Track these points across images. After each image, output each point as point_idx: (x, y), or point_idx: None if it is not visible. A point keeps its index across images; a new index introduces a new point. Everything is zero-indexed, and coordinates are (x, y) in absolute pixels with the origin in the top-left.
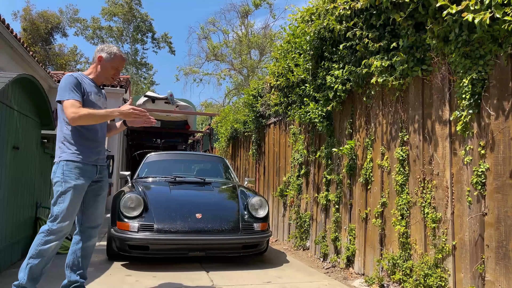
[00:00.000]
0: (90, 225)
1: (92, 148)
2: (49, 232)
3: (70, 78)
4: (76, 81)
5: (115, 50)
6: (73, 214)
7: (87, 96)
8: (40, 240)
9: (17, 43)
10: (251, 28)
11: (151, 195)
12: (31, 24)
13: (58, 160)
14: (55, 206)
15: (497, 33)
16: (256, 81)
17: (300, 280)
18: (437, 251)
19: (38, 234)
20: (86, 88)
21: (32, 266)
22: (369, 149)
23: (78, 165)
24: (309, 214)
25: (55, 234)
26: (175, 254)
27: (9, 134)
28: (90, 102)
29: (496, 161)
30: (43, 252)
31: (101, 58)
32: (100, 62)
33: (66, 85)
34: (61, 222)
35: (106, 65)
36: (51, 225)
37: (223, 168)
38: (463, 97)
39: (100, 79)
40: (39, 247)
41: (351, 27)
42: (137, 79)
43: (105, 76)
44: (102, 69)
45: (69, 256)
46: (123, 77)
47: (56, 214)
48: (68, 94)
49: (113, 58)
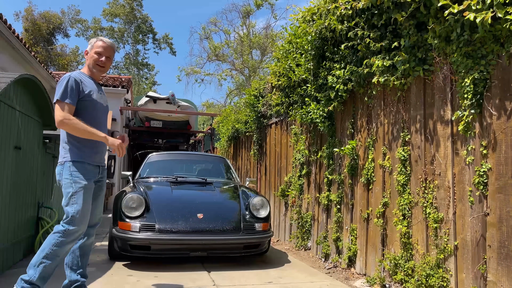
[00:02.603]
0: (90, 223)
1: (96, 148)
2: (66, 233)
3: (69, 80)
4: (74, 83)
5: (95, 39)
6: (87, 213)
7: (89, 95)
8: (56, 241)
9: (19, 44)
10: (253, 28)
11: (152, 195)
12: (33, 24)
13: (63, 160)
14: (69, 207)
15: (499, 32)
16: (257, 81)
17: (301, 280)
18: (439, 251)
19: (53, 233)
20: (87, 87)
21: (46, 265)
22: (370, 149)
23: (84, 165)
24: (310, 214)
25: (72, 235)
26: (177, 254)
27: (11, 134)
28: (93, 101)
29: (498, 161)
30: (58, 253)
31: (86, 51)
32: (87, 55)
33: (63, 87)
34: (78, 223)
35: (90, 54)
36: (68, 226)
37: (225, 168)
38: (465, 97)
39: (93, 72)
40: (54, 247)
41: (353, 27)
42: (139, 79)
43: (93, 65)
44: (89, 60)
45: (68, 256)
46: (124, 77)
47: (72, 215)
48: (64, 96)
49: (93, 45)
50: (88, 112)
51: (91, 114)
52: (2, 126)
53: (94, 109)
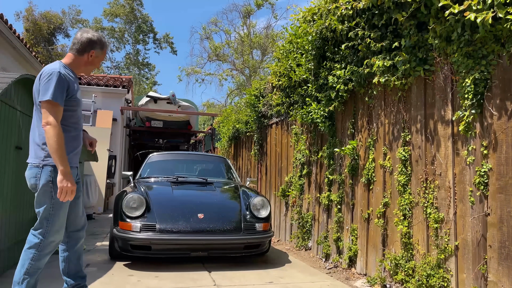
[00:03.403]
0: (76, 228)
1: (76, 149)
2: (41, 247)
3: (59, 77)
4: (64, 81)
5: (104, 41)
6: (64, 222)
7: (75, 95)
8: (33, 255)
9: (20, 44)
10: (253, 28)
11: (153, 195)
12: (34, 24)
13: (41, 163)
14: (45, 217)
15: (499, 32)
16: (258, 81)
17: (302, 280)
18: (440, 252)
19: (28, 248)
20: (74, 85)
21: (29, 280)
22: (371, 149)
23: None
24: (311, 214)
25: (47, 247)
26: (178, 254)
27: (12, 134)
28: (77, 100)
29: (499, 161)
30: (38, 266)
31: (92, 52)
32: (91, 55)
33: (54, 84)
34: (54, 234)
35: (97, 57)
36: (42, 238)
37: (225, 168)
38: (465, 97)
39: (81, 70)
40: (33, 262)
41: (353, 27)
42: (139, 79)
43: (89, 66)
44: (90, 60)
45: (62, 263)
46: (125, 77)
47: (47, 226)
48: (55, 95)
49: (103, 51)
50: (74, 112)
51: (76, 114)
52: (3, 126)
53: (78, 108)
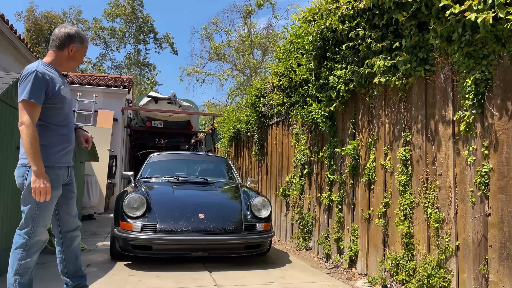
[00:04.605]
0: (70, 228)
1: (66, 148)
2: (27, 246)
3: (35, 76)
4: (42, 80)
5: (84, 35)
6: (48, 221)
7: (58, 93)
8: (21, 255)
9: (21, 44)
10: (254, 28)
11: (154, 195)
12: (35, 25)
13: (28, 162)
14: (30, 216)
15: (500, 33)
16: (258, 81)
17: (302, 281)
18: (440, 252)
19: (16, 249)
20: (56, 83)
21: (21, 280)
22: (372, 149)
23: (54, 170)
24: (311, 214)
25: (34, 246)
26: (178, 254)
27: (13, 134)
28: (62, 98)
29: (500, 161)
30: (28, 265)
31: (72, 46)
32: (71, 50)
33: (31, 84)
34: (39, 233)
35: (78, 51)
36: (28, 238)
37: (226, 168)
38: (466, 97)
39: (63, 66)
40: (21, 262)
41: (354, 27)
42: (140, 79)
43: (73, 62)
44: (71, 55)
45: (60, 265)
46: (126, 77)
47: (32, 225)
48: (31, 94)
49: (84, 45)
50: (59, 110)
51: (62, 112)
52: (4, 126)
53: (64, 107)
